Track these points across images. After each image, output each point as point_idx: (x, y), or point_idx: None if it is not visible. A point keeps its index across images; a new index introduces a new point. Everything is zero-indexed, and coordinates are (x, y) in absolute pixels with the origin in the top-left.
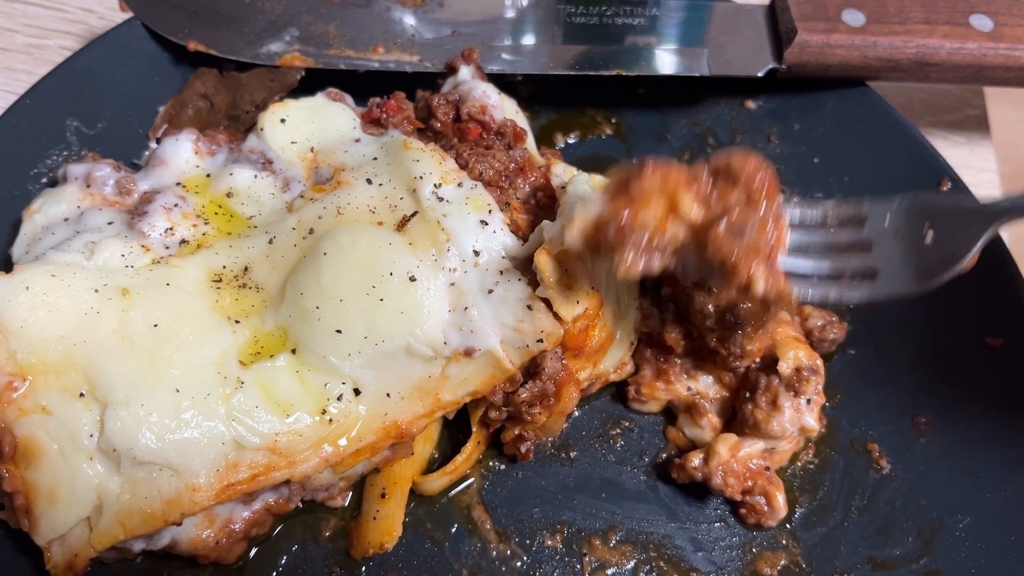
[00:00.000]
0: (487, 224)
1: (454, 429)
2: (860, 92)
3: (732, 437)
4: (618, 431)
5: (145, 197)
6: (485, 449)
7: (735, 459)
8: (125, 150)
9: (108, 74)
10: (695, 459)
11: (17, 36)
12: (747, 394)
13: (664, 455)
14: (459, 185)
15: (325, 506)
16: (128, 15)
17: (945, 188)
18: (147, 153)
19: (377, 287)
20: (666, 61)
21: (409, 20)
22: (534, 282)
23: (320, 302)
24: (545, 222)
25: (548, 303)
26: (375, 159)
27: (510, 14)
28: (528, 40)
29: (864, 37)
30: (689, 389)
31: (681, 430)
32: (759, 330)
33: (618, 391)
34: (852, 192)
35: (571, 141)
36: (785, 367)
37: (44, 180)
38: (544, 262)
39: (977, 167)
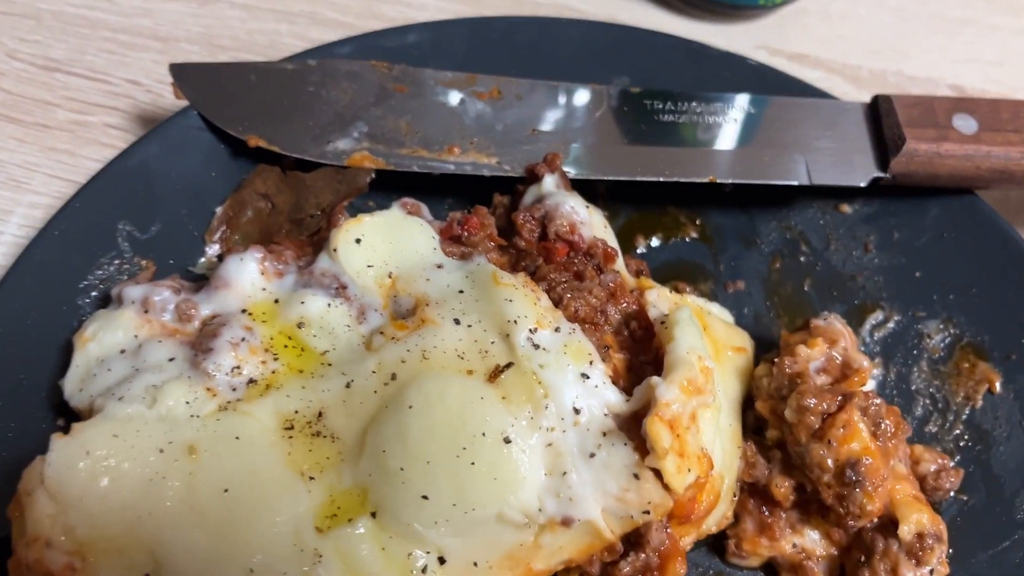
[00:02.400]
0: (588, 377)
1: None
2: (967, 200)
3: None
4: None
5: (209, 330)
6: None
7: None
8: (180, 256)
9: (162, 170)
10: None
11: (58, 111)
12: (862, 558)
13: None
14: (556, 330)
15: None
16: (183, 103)
17: None
18: (203, 259)
19: (468, 448)
20: (762, 167)
21: (485, 114)
22: (640, 446)
23: (405, 463)
24: (654, 380)
25: (655, 470)
26: (461, 292)
27: (593, 110)
28: (613, 140)
29: (977, 147)
30: (795, 546)
31: None
32: (880, 488)
33: (714, 542)
34: (958, 313)
35: (654, 244)
36: (907, 532)
37: (95, 294)
38: (657, 431)
39: None
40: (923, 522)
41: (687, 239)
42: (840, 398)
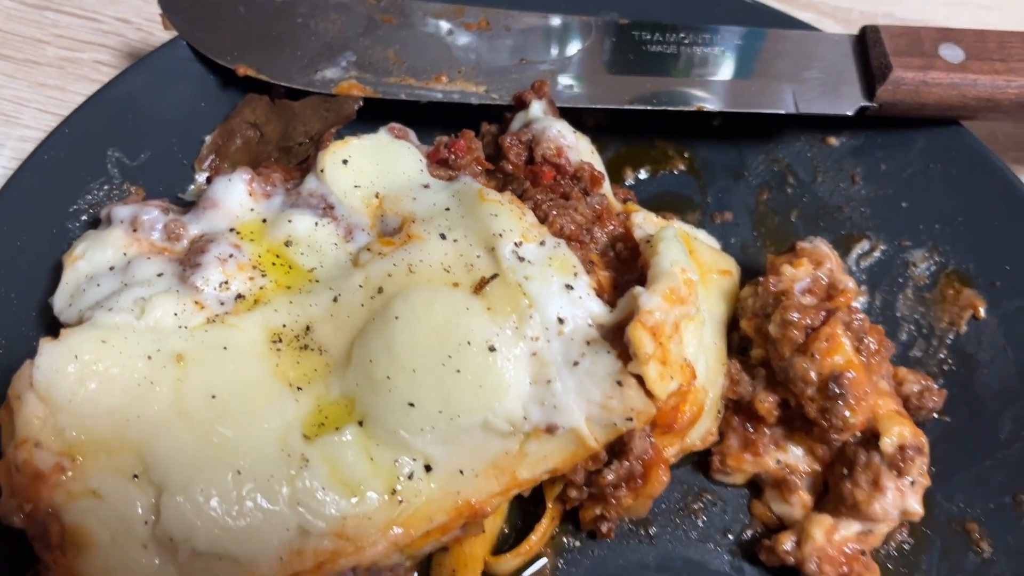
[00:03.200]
0: (572, 288)
1: (525, 500)
2: (953, 131)
3: (827, 519)
4: (700, 505)
5: (197, 246)
6: (559, 524)
7: (830, 543)
8: (169, 183)
9: (151, 100)
10: (787, 542)
11: (48, 48)
12: (845, 471)
13: (749, 532)
14: (541, 243)
15: None
16: (171, 34)
17: None
18: (192, 187)
19: (453, 357)
20: (750, 96)
21: (473, 45)
22: (624, 354)
23: (391, 372)
24: (637, 289)
25: (639, 377)
26: (447, 209)
27: (581, 41)
28: (601, 70)
29: (963, 75)
30: (778, 462)
31: (768, 505)
32: (863, 401)
33: (700, 460)
34: (944, 242)
35: (642, 177)
36: (888, 444)
37: (84, 217)
38: (639, 337)
39: None
40: (905, 435)
41: (675, 171)
42: (824, 313)
